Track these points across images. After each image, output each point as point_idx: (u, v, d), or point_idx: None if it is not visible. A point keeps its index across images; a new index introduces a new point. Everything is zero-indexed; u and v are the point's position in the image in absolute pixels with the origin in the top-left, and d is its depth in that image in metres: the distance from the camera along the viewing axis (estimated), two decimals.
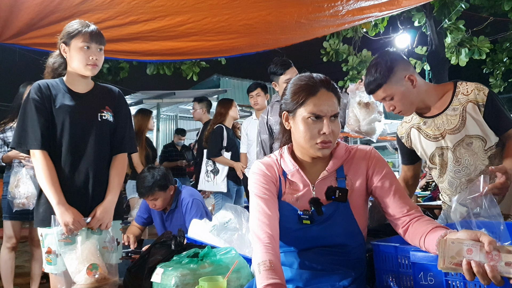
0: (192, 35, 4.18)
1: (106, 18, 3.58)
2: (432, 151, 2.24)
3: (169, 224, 3.35)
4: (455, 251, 1.24)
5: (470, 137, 2.11)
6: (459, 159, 2.16)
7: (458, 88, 2.15)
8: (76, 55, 2.27)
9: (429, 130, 2.23)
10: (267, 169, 1.66)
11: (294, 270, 1.58)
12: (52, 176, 2.20)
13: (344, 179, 1.61)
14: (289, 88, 1.63)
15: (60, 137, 2.26)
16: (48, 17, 3.47)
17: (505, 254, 1.18)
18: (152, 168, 3.32)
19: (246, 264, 1.96)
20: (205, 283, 1.57)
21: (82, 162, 2.28)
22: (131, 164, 4.97)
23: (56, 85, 2.32)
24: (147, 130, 5.36)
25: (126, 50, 4.47)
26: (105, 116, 2.35)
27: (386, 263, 1.52)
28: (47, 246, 2.24)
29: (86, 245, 2.14)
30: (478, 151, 2.11)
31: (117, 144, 2.41)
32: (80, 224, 2.20)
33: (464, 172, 2.16)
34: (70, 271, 2.09)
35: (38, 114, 2.22)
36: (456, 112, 2.13)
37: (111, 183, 2.36)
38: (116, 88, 2.50)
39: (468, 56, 9.66)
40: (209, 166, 4.70)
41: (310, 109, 1.54)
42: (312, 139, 1.55)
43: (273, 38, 4.68)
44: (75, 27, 2.29)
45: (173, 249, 2.10)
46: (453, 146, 2.15)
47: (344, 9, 4.00)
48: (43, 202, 2.26)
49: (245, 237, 2.28)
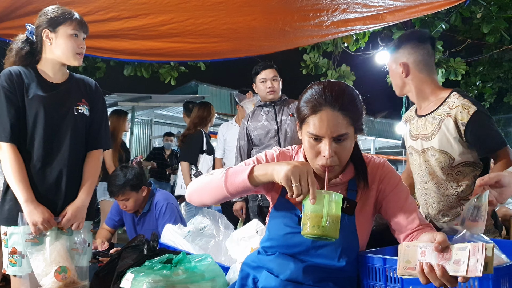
0: (174, 36, 4.10)
1: (86, 13, 3.47)
2: (408, 147, 2.29)
3: (141, 228, 3.23)
4: (409, 255, 1.22)
5: (435, 150, 2.09)
6: (422, 165, 2.18)
7: (449, 98, 2.11)
8: (65, 43, 2.16)
9: (412, 128, 2.24)
10: (281, 158, 1.62)
11: (278, 280, 1.50)
12: (21, 171, 2.06)
13: (355, 192, 1.54)
14: (301, 100, 1.52)
15: (32, 130, 2.12)
16: (24, 8, 3.35)
17: (456, 252, 1.15)
18: (125, 167, 3.22)
19: (222, 273, 1.89)
20: None
21: (56, 157, 2.15)
22: (103, 166, 4.82)
23: (28, 74, 2.17)
24: (122, 132, 5.24)
25: (104, 47, 4.35)
26: (81, 109, 2.23)
27: (373, 276, 1.45)
28: (12, 246, 2.08)
29: (55, 246, 2.02)
30: (443, 165, 2.09)
31: (92, 140, 2.30)
32: (49, 224, 2.07)
33: (422, 179, 2.20)
34: (36, 273, 1.96)
35: (8, 103, 2.08)
36: (434, 121, 2.10)
37: (85, 181, 2.23)
38: (92, 80, 2.37)
39: (445, 77, 9.83)
40: (192, 170, 4.57)
41: (309, 129, 1.45)
42: (313, 159, 1.47)
43: (256, 45, 4.65)
44: (60, 12, 2.18)
45: (145, 254, 2.01)
46: (421, 151, 2.16)
47: (329, 20, 4.00)
48: (10, 199, 2.12)
49: (221, 244, 2.20)
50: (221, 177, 1.47)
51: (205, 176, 1.56)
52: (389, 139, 19.53)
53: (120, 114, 5.29)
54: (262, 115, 3.48)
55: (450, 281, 1.15)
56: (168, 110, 11.74)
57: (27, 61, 2.22)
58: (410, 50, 2.13)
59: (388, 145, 20.46)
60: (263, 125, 3.43)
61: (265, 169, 1.40)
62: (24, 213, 2.04)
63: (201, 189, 1.56)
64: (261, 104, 3.53)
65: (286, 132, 3.37)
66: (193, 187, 1.60)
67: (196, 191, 1.58)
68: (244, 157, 3.48)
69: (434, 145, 2.09)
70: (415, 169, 2.24)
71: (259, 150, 3.42)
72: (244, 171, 1.42)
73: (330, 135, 1.42)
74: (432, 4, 3.77)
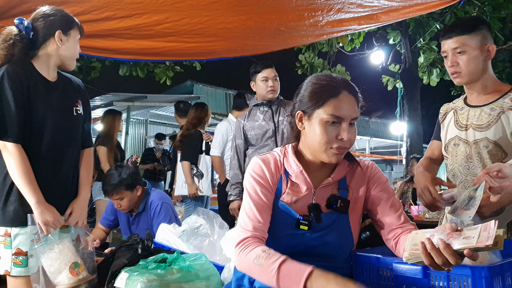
0: (169, 35, 4.09)
1: (81, 12, 3.46)
2: (450, 137, 2.18)
3: (135, 227, 3.22)
4: (417, 239, 1.23)
5: (489, 141, 2.03)
6: (472, 157, 2.09)
7: (511, 92, 2.07)
8: (73, 47, 2.22)
9: (460, 117, 2.17)
10: (266, 167, 1.57)
11: None
12: (29, 172, 2.04)
13: (346, 190, 1.56)
14: (307, 87, 1.53)
15: (40, 130, 2.11)
16: (19, 7, 3.33)
17: (466, 231, 1.16)
18: (120, 166, 3.21)
19: (216, 272, 1.88)
20: None
21: (64, 158, 2.18)
22: (98, 165, 4.82)
23: (29, 72, 2.12)
24: (118, 132, 5.23)
25: (100, 47, 4.34)
26: (79, 110, 2.27)
27: (366, 274, 1.46)
28: (16, 247, 2.06)
29: (64, 243, 2.02)
30: (494, 159, 2.03)
31: (84, 139, 2.34)
32: (59, 223, 2.09)
33: (472, 170, 2.10)
34: (50, 271, 1.95)
35: (16, 102, 2.03)
36: (492, 112, 2.04)
37: (83, 179, 2.28)
38: (79, 80, 2.41)
39: (439, 77, 9.91)
40: (192, 169, 4.57)
41: (331, 111, 1.45)
42: (328, 143, 1.46)
43: (251, 44, 4.64)
44: (69, 16, 2.23)
45: (139, 253, 2.00)
46: (472, 142, 2.09)
47: (324, 20, 4.00)
48: (15, 200, 2.08)
49: (216, 243, 2.20)
50: (272, 276, 1.34)
51: (253, 263, 1.39)
52: (383, 139, 19.58)
53: (115, 114, 5.28)
54: (259, 115, 3.48)
55: (453, 256, 1.15)
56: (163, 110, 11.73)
57: (13, 60, 2.12)
58: (487, 34, 2.06)
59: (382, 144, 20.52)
60: (261, 125, 3.44)
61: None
62: (34, 214, 2.03)
63: (251, 274, 1.45)
64: (258, 104, 3.53)
65: (283, 132, 3.38)
66: (243, 269, 1.47)
67: (247, 273, 1.48)
68: (240, 156, 3.51)
69: (489, 136, 2.03)
70: (459, 160, 2.13)
71: (255, 150, 3.43)
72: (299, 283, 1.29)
73: (350, 116, 1.46)
74: (427, 4, 3.78)
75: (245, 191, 1.57)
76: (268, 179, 1.55)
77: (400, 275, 1.36)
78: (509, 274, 1.31)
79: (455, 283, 1.28)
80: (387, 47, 10.74)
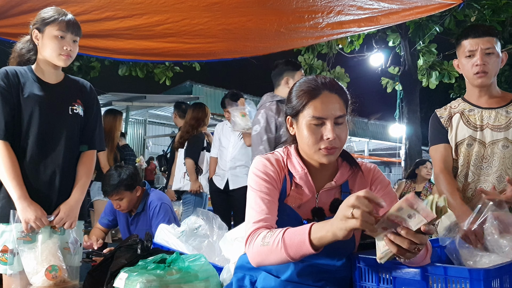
0: (169, 36, 4.09)
1: (81, 12, 3.47)
2: (462, 138, 2.19)
3: (134, 228, 3.23)
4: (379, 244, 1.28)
5: (509, 141, 2.09)
6: (488, 157, 2.13)
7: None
8: (49, 43, 2.15)
9: (472, 118, 2.20)
10: (272, 166, 1.56)
11: (278, 280, 1.50)
12: (14, 168, 2.06)
13: (348, 194, 1.52)
14: (293, 92, 1.55)
15: (27, 128, 2.12)
16: (19, 6, 3.33)
17: (397, 214, 1.19)
18: (120, 166, 3.21)
19: (215, 273, 1.88)
20: None
21: (50, 156, 2.16)
22: (98, 165, 4.80)
23: (24, 73, 2.18)
24: (118, 132, 5.21)
25: (99, 47, 4.34)
26: (76, 109, 2.24)
27: (366, 277, 1.46)
28: (3, 244, 2.07)
29: (47, 244, 2.01)
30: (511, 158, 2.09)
31: (86, 141, 2.31)
32: (42, 222, 2.06)
33: (486, 170, 2.13)
34: (27, 271, 1.96)
35: (3, 101, 2.08)
36: (508, 114, 2.12)
37: (78, 180, 2.24)
38: (87, 82, 2.38)
39: (438, 79, 9.91)
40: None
41: (312, 113, 1.47)
42: (315, 144, 1.47)
43: (251, 46, 4.65)
44: (50, 13, 2.18)
45: (139, 253, 1.99)
46: (489, 142, 2.13)
47: (324, 22, 4.01)
48: (2, 197, 2.11)
49: (215, 244, 2.20)
50: (280, 248, 1.35)
51: (260, 246, 1.40)
52: (382, 141, 19.60)
53: (116, 114, 5.24)
54: None
55: (415, 236, 1.18)
56: (162, 110, 11.74)
57: (23, 61, 2.25)
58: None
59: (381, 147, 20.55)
60: None
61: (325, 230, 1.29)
62: (17, 211, 2.03)
63: (263, 261, 1.43)
64: (281, 100, 3.31)
65: None
66: (255, 260, 1.45)
67: (261, 263, 1.45)
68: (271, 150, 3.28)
69: (508, 136, 2.10)
70: (472, 160, 2.16)
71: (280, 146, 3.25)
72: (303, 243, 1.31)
73: (333, 115, 1.46)
74: (427, 7, 3.78)
75: (249, 190, 1.55)
76: (274, 177, 1.54)
77: (399, 277, 1.37)
78: (507, 276, 1.32)
79: (453, 285, 1.28)
80: (387, 49, 10.75)
